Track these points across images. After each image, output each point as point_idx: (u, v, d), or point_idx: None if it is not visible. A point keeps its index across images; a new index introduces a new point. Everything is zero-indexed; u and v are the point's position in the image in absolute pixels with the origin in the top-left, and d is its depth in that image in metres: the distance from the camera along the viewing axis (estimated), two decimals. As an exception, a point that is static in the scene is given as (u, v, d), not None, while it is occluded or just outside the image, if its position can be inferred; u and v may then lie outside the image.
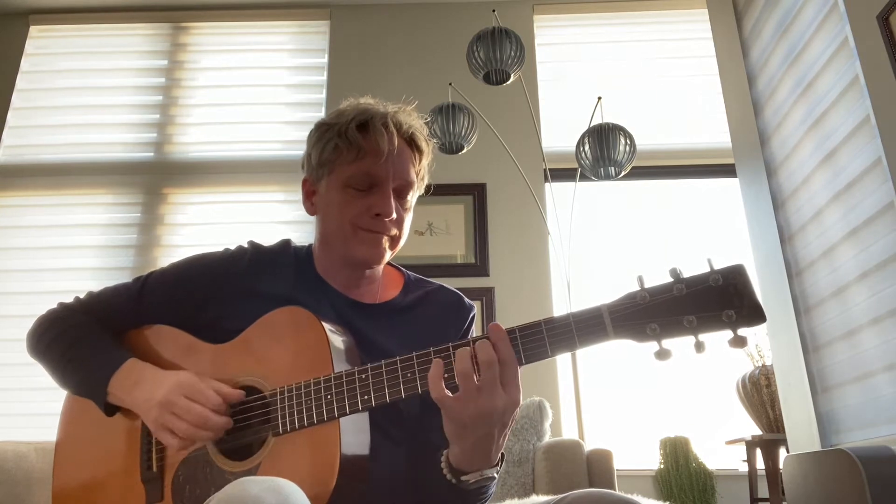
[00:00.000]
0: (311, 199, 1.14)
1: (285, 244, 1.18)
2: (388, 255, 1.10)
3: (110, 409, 1.05)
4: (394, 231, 1.08)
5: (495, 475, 0.93)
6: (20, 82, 3.66)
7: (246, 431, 0.98)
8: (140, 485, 1.02)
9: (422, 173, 1.13)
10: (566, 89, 3.62)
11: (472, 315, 1.19)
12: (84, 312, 1.14)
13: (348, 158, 1.05)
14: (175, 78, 3.75)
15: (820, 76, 2.24)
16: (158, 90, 3.72)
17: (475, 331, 1.20)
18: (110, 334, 1.12)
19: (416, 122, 1.11)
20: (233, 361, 1.03)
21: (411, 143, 1.10)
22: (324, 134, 1.08)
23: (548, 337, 0.87)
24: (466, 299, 1.20)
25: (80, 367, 1.07)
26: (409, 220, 1.12)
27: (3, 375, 3.16)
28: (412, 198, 1.12)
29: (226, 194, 3.52)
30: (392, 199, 1.06)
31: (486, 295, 3.21)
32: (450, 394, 0.85)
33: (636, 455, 3.08)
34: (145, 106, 3.69)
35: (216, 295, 1.10)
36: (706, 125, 3.50)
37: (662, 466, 2.98)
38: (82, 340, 1.09)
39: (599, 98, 2.86)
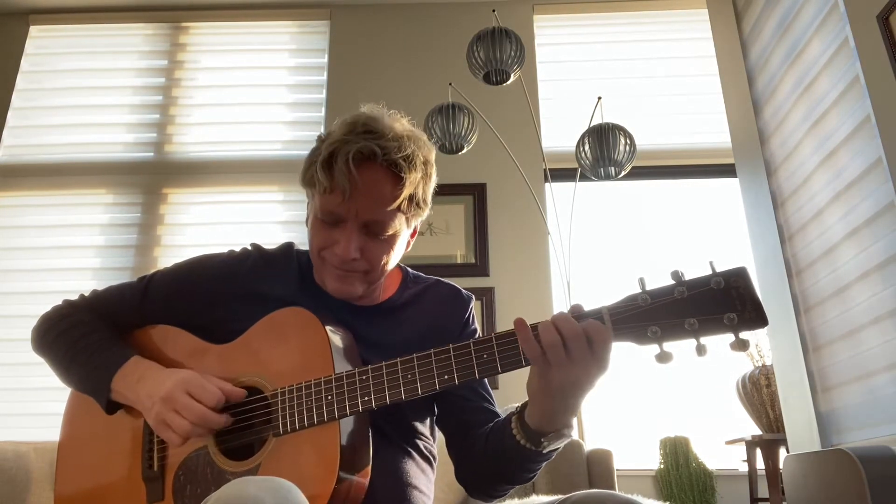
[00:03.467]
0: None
1: (288, 248, 1.19)
2: (364, 288, 1.07)
3: (112, 407, 1.06)
4: (363, 267, 1.04)
5: (573, 435, 0.93)
6: (20, 82, 3.65)
7: (247, 431, 0.99)
8: (141, 484, 1.02)
9: (416, 198, 1.05)
10: (566, 89, 3.62)
11: (470, 306, 1.19)
12: (89, 310, 1.15)
13: (319, 191, 1.02)
14: (175, 78, 3.74)
15: (820, 76, 2.24)
16: (158, 90, 3.71)
17: (475, 324, 1.20)
18: (114, 333, 1.12)
19: (406, 145, 1.01)
20: (235, 362, 1.04)
21: (393, 169, 1.01)
22: (311, 154, 1.06)
23: (548, 338, 0.87)
24: (464, 291, 1.20)
25: (84, 364, 1.08)
26: (398, 246, 1.07)
27: (3, 375, 3.16)
28: (399, 225, 1.04)
29: (226, 194, 3.52)
30: (355, 238, 1.01)
31: (486, 295, 3.21)
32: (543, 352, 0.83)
33: (636, 455, 3.08)
34: (145, 106, 3.68)
35: (219, 296, 1.11)
36: (706, 125, 3.49)
37: (662, 466, 2.99)
38: (86, 338, 1.10)
39: (599, 98, 2.86)
